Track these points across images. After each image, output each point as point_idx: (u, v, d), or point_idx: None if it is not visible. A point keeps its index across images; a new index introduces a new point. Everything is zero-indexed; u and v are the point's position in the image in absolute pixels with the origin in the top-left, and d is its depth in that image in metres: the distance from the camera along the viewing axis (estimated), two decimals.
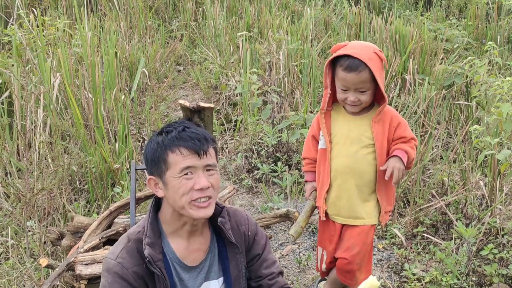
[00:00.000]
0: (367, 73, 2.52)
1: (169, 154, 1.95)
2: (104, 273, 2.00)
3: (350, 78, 2.56)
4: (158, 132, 2.02)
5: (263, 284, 2.21)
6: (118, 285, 1.96)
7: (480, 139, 3.45)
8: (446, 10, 9.44)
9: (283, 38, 6.17)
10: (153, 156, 1.97)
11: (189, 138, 1.96)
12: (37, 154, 4.45)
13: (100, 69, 5.27)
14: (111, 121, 5.19)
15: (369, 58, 2.52)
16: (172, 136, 1.96)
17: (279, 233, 4.35)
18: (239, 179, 5.05)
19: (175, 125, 2.01)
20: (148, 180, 2.02)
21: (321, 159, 2.78)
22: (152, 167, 1.99)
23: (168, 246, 2.05)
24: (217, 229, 2.13)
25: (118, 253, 1.99)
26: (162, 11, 9.09)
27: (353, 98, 2.60)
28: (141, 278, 1.98)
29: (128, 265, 1.97)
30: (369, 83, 2.56)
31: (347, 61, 2.56)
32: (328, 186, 2.77)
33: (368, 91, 2.59)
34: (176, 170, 1.95)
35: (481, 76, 4.68)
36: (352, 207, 2.76)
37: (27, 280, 3.60)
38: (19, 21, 6.27)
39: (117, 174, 4.58)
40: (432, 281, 3.53)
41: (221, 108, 6.41)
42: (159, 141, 1.97)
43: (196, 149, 1.95)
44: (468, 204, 4.16)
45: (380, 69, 2.55)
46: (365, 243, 2.80)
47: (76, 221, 3.74)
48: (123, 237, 2.06)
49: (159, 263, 1.98)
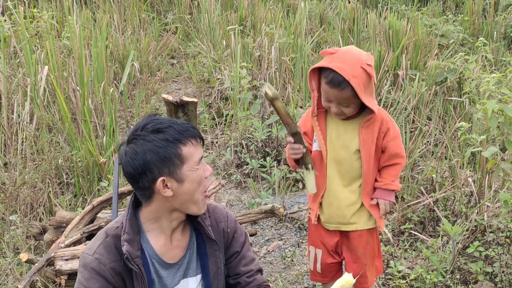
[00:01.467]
0: (349, 90, 2.42)
1: (182, 147, 1.90)
2: (81, 269, 1.96)
3: (332, 93, 2.46)
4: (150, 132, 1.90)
5: (241, 281, 2.18)
6: (95, 281, 1.93)
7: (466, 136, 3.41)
8: (443, 5, 9.38)
9: (274, 32, 6.12)
10: (165, 154, 1.88)
11: (191, 128, 1.94)
12: (21, 147, 4.41)
13: (89, 61, 5.22)
14: (99, 115, 5.16)
15: (353, 76, 2.40)
16: (176, 129, 1.91)
17: (266, 228, 4.32)
18: (228, 174, 5.02)
19: (162, 121, 1.94)
20: (159, 182, 1.89)
21: (317, 161, 2.70)
22: (162, 167, 1.88)
23: (147, 243, 2.02)
24: (196, 226, 2.10)
25: (96, 248, 1.96)
26: (157, 4, 9.04)
27: (335, 110, 2.52)
28: (118, 274, 1.95)
29: (106, 261, 1.93)
30: (352, 98, 2.46)
31: (330, 74, 2.43)
32: (323, 191, 2.70)
33: (351, 105, 2.50)
34: (193, 162, 1.92)
35: (473, 72, 4.64)
36: (344, 214, 2.68)
37: (9, 274, 3.57)
38: (7, 12, 6.23)
39: (104, 168, 4.54)
40: (417, 278, 3.50)
41: (212, 102, 6.37)
42: (167, 138, 1.89)
43: (200, 137, 1.96)
44: (456, 201, 4.13)
45: (365, 85, 2.44)
46: (368, 242, 2.73)
47: (59, 215, 3.71)
48: (100, 233, 2.02)
49: (137, 260, 1.95)
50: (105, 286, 1.94)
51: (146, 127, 1.92)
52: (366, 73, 2.44)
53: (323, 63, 2.48)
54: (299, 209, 4.37)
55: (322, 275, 2.87)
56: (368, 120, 2.56)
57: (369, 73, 2.44)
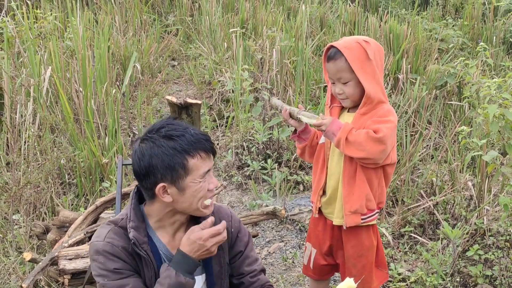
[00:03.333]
0: (343, 61, 2.48)
1: (189, 159, 1.90)
2: (94, 256, 1.95)
3: (329, 67, 2.55)
4: (162, 136, 1.91)
5: (245, 281, 2.20)
6: (113, 262, 1.93)
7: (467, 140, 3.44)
8: (443, 9, 9.43)
9: (275, 35, 6.15)
10: (170, 162, 1.89)
11: (203, 140, 1.94)
12: (25, 147, 4.43)
13: (92, 63, 5.25)
14: (101, 116, 5.18)
15: (346, 47, 2.47)
16: (187, 139, 1.91)
17: (267, 230, 4.34)
18: (229, 176, 5.05)
19: (177, 127, 1.95)
20: (159, 188, 1.92)
21: (321, 154, 2.72)
22: (166, 174, 1.90)
23: (154, 235, 2.04)
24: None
25: (105, 234, 1.96)
26: (158, 6, 9.07)
27: (337, 89, 2.56)
28: (131, 255, 1.96)
29: (118, 243, 1.94)
30: (347, 72, 2.49)
31: (329, 51, 2.55)
32: (324, 183, 2.72)
33: (349, 82, 2.51)
34: (197, 175, 1.93)
35: (472, 76, 4.67)
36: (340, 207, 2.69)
37: (12, 273, 3.59)
38: (11, 13, 6.25)
39: (106, 169, 4.56)
40: (417, 281, 3.53)
41: (213, 104, 6.40)
42: (175, 146, 1.89)
43: (212, 150, 1.96)
44: (456, 205, 4.16)
45: (360, 59, 2.48)
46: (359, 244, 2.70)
47: (62, 215, 3.73)
48: (106, 223, 2.03)
49: (144, 245, 1.96)
50: (124, 265, 1.94)
51: (160, 131, 1.94)
52: (362, 49, 2.48)
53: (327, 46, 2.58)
54: (300, 211, 4.40)
55: (313, 272, 2.89)
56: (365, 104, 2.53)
57: (364, 48, 2.48)
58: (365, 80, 2.50)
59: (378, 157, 2.47)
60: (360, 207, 2.59)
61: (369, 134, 2.45)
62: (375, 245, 2.74)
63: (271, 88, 5.40)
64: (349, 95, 2.55)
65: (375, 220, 2.70)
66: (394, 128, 2.52)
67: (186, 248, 1.93)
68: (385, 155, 2.49)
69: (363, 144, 2.44)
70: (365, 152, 2.44)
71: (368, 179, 2.58)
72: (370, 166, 2.54)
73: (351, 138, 2.46)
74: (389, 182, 2.72)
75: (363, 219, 2.62)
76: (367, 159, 2.48)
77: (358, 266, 2.70)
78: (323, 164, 2.71)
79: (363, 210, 2.60)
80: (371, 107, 2.54)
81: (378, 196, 2.65)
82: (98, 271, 1.95)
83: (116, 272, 1.93)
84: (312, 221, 2.87)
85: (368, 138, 2.44)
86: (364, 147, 2.44)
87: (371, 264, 2.74)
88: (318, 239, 2.81)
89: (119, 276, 1.93)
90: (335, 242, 2.78)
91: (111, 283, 1.93)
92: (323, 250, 2.80)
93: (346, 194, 2.60)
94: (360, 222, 2.61)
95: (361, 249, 2.69)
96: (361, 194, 2.58)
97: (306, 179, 4.86)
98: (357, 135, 2.46)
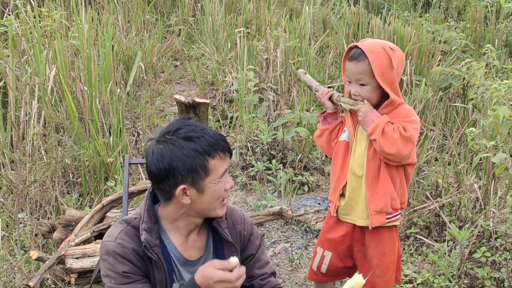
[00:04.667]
0: (365, 64, 2.47)
1: (209, 160, 1.91)
2: (104, 256, 1.95)
3: (349, 67, 2.53)
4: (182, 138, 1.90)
5: (255, 284, 2.20)
6: (122, 264, 1.93)
7: (476, 142, 3.44)
8: (445, 12, 9.44)
9: (281, 36, 6.15)
10: (192, 164, 1.89)
11: (221, 141, 1.95)
12: (30, 146, 4.41)
13: (96, 62, 5.24)
14: (106, 115, 5.17)
15: (372, 51, 2.46)
16: (207, 140, 1.91)
17: (272, 231, 4.34)
18: (233, 176, 5.03)
19: (195, 128, 1.95)
20: (179, 190, 1.91)
21: (341, 152, 2.69)
22: (187, 176, 1.90)
23: (166, 237, 2.04)
24: (214, 228, 2.11)
25: (117, 235, 1.96)
26: (161, 6, 9.06)
27: (353, 90, 2.55)
28: (141, 258, 1.96)
29: (128, 245, 1.94)
30: (368, 76, 2.48)
31: (352, 51, 2.54)
32: (344, 182, 2.68)
33: (367, 86, 2.51)
34: (217, 175, 1.94)
35: (478, 78, 4.67)
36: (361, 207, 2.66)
37: (17, 272, 3.57)
38: (16, 11, 6.23)
39: (111, 168, 4.55)
40: (424, 282, 3.52)
41: (217, 105, 6.39)
42: (196, 148, 1.89)
43: (229, 150, 1.97)
44: (462, 207, 4.16)
45: (383, 65, 2.46)
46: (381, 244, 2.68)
47: (68, 214, 3.72)
48: (119, 222, 2.03)
49: (155, 248, 1.96)
50: (133, 269, 1.94)
51: (178, 132, 1.93)
52: (387, 56, 2.47)
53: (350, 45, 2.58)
54: (305, 211, 4.39)
55: (323, 275, 2.84)
56: (386, 107, 2.54)
57: (389, 55, 2.47)
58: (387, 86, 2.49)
59: (405, 155, 2.47)
60: (385, 206, 2.58)
61: (401, 131, 2.45)
62: (396, 245, 2.74)
63: (276, 89, 5.39)
64: (364, 96, 2.55)
65: (398, 221, 2.69)
66: (418, 129, 2.53)
67: (199, 278, 1.90)
68: (410, 153, 2.50)
69: (395, 139, 2.44)
70: (396, 149, 2.45)
71: (392, 178, 2.57)
72: (393, 164, 2.53)
73: (387, 130, 2.46)
74: (410, 182, 2.71)
75: (388, 218, 2.61)
76: (395, 156, 2.47)
77: (381, 266, 2.68)
78: (344, 163, 2.68)
79: (388, 209, 2.59)
80: (393, 108, 2.55)
81: (400, 196, 2.63)
82: (106, 272, 1.95)
83: (124, 276, 1.93)
84: (327, 224, 2.82)
85: (401, 135, 2.44)
86: (396, 143, 2.44)
87: (394, 264, 2.73)
88: (335, 242, 2.77)
89: (126, 280, 1.94)
90: (355, 243, 2.75)
91: (117, 286, 1.93)
92: (341, 252, 2.77)
93: (370, 194, 2.58)
94: (386, 222, 2.59)
95: (384, 248, 2.67)
96: (385, 193, 2.56)
97: (311, 180, 4.85)
98: (391, 129, 2.46)
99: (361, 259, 2.75)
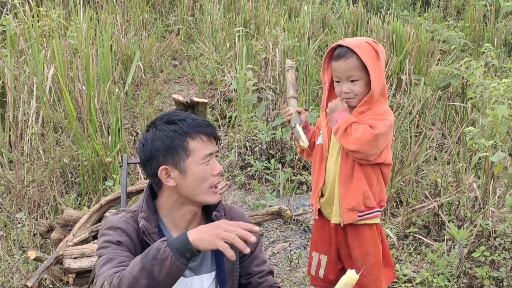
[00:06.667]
0: (354, 59, 2.49)
1: (189, 141, 1.94)
2: (105, 231, 1.94)
3: (338, 66, 2.54)
4: (164, 122, 1.96)
5: (253, 281, 2.20)
6: (120, 236, 1.92)
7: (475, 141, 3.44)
8: (444, 11, 9.43)
9: (279, 35, 6.14)
10: (171, 144, 1.93)
11: (205, 125, 1.97)
12: (28, 145, 4.41)
13: (95, 61, 5.23)
14: (104, 114, 5.16)
15: (358, 46, 2.49)
16: (188, 123, 1.95)
17: (271, 230, 4.33)
18: (232, 176, 5.03)
19: (179, 114, 2.00)
20: (161, 170, 1.95)
21: (319, 155, 2.72)
22: (167, 156, 1.94)
23: (165, 229, 2.04)
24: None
25: (122, 215, 1.99)
26: (159, 5, 9.05)
27: (345, 88, 2.56)
28: (140, 243, 1.96)
29: (133, 224, 1.96)
30: (358, 71, 2.50)
31: (336, 50, 2.56)
32: (322, 184, 2.71)
33: (359, 81, 2.52)
34: (198, 157, 1.95)
35: (477, 78, 4.67)
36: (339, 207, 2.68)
37: (15, 272, 3.57)
38: (14, 11, 6.22)
39: (109, 168, 4.54)
40: (422, 282, 3.52)
41: (215, 104, 6.38)
42: (176, 129, 1.94)
43: (214, 135, 1.99)
44: (461, 206, 4.15)
45: (372, 57, 2.50)
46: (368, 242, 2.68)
47: (66, 214, 3.71)
48: (119, 211, 2.05)
49: (154, 235, 1.96)
50: (130, 243, 1.94)
51: (163, 118, 1.99)
52: (371, 48, 2.51)
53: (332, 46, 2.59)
54: (304, 211, 4.39)
55: (323, 280, 2.84)
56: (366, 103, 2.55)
57: (375, 48, 2.51)
58: (375, 80, 2.51)
59: (370, 152, 2.50)
60: (358, 204, 2.59)
61: (366, 128, 2.48)
62: (379, 243, 2.74)
63: (275, 88, 5.39)
64: (358, 94, 2.56)
65: (377, 219, 2.69)
66: (390, 127, 2.54)
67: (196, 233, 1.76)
68: (377, 151, 2.52)
69: (357, 137, 2.47)
70: (358, 145, 2.47)
71: (367, 177, 2.59)
72: (363, 162, 2.56)
73: (350, 130, 2.50)
74: (387, 182, 2.73)
75: (360, 216, 2.61)
76: (359, 153, 2.50)
77: (367, 266, 2.68)
78: (321, 165, 2.71)
79: (361, 207, 2.60)
80: (369, 107, 2.56)
81: (379, 195, 2.65)
82: (102, 244, 1.93)
83: (117, 244, 1.92)
84: (316, 227, 2.84)
85: (364, 132, 2.47)
86: (358, 140, 2.47)
87: (379, 263, 2.73)
88: (327, 244, 2.78)
89: (117, 247, 1.91)
90: (340, 245, 2.76)
91: (106, 251, 1.91)
92: (333, 255, 2.78)
93: (343, 192, 2.60)
94: (357, 219, 2.60)
95: (367, 248, 2.68)
96: (358, 191, 2.58)
97: (310, 180, 4.85)
98: (355, 129, 2.50)
99: (347, 259, 2.76)
